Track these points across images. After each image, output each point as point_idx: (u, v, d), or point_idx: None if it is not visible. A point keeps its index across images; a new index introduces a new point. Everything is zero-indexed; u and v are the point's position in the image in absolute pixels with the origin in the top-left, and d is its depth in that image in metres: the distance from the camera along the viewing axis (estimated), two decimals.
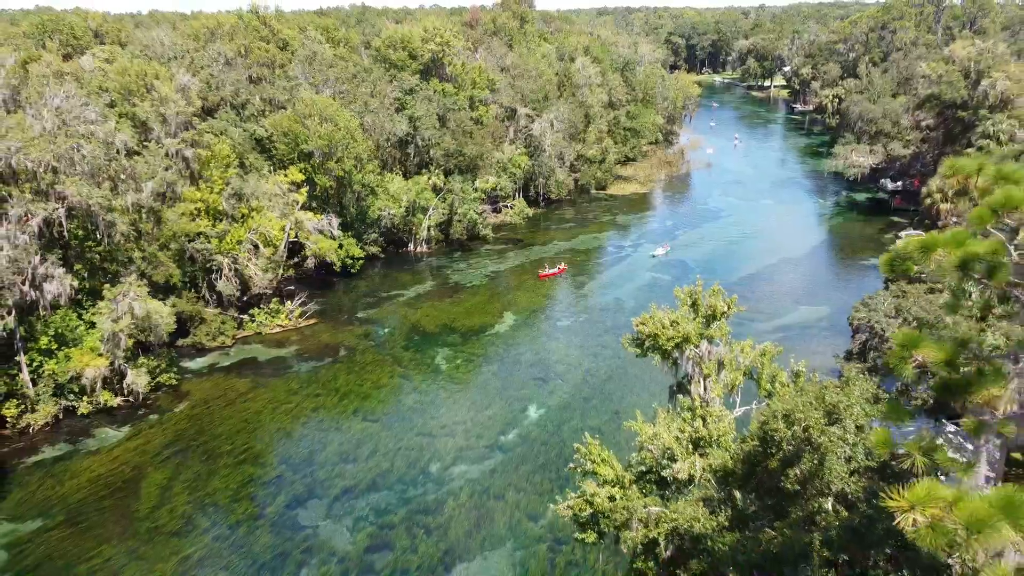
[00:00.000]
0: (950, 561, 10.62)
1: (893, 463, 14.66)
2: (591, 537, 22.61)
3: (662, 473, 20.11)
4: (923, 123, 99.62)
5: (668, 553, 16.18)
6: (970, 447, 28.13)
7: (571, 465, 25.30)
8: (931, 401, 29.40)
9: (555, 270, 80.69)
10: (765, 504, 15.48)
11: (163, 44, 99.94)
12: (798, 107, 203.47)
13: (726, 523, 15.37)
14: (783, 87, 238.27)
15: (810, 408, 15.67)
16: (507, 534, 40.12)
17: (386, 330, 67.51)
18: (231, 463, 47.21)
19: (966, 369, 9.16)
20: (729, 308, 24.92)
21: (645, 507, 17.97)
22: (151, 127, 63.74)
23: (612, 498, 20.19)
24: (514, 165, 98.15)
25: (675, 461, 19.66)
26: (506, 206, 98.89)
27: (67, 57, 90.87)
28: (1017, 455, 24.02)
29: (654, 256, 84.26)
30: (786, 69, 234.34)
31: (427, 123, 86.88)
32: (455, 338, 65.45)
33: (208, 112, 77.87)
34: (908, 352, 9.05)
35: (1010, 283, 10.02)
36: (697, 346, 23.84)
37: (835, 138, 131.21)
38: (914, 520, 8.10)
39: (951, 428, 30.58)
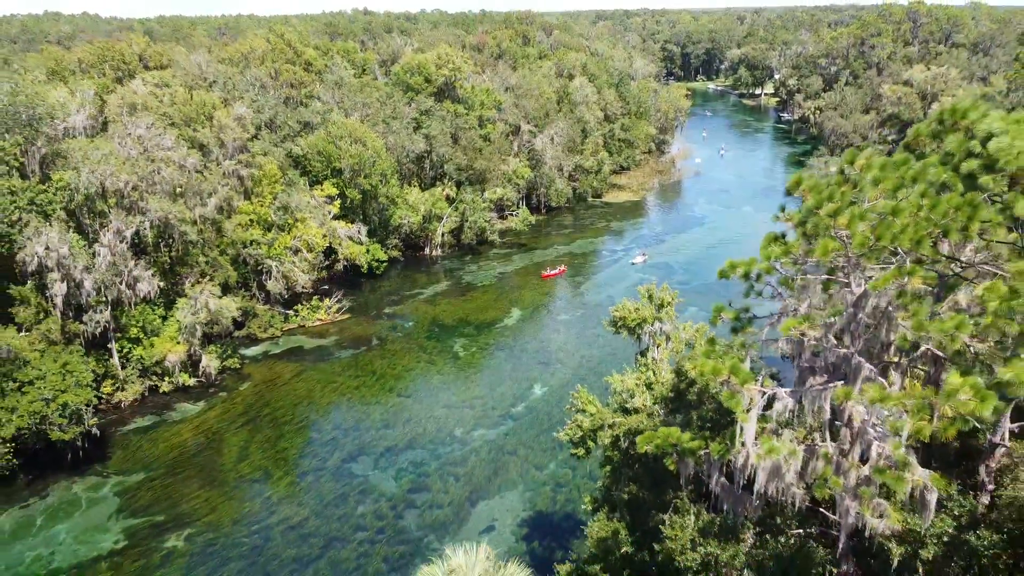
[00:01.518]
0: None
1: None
2: (581, 452, 33.45)
3: (625, 405, 30.67)
4: (888, 138, 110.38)
5: (625, 444, 26.59)
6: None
7: (567, 406, 36.03)
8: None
9: (556, 271, 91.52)
10: (683, 413, 26.04)
11: (201, 68, 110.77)
12: (785, 116, 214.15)
13: (660, 424, 25.77)
14: (773, 95, 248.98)
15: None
16: (518, 480, 50.95)
17: (410, 323, 78.33)
18: (293, 429, 58.09)
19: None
20: (672, 300, 35.60)
21: (612, 420, 28.55)
22: (210, 149, 74.47)
23: (591, 415, 31.03)
24: (518, 176, 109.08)
25: (634, 397, 30.24)
26: (511, 213, 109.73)
27: (118, 81, 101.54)
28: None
29: (634, 264, 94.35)
30: (777, 77, 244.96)
31: (441, 141, 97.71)
32: (470, 330, 76.27)
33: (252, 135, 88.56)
34: (718, 312, 19.65)
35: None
36: (652, 325, 34.46)
37: (816, 148, 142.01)
38: (717, 384, 18.87)
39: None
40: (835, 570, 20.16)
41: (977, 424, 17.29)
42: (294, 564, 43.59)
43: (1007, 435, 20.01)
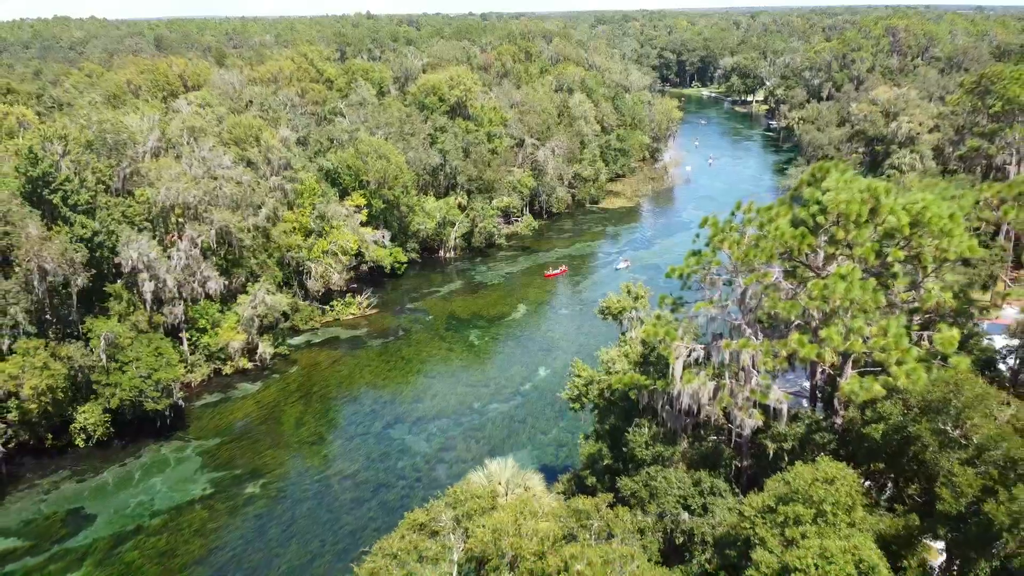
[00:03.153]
0: None
1: None
2: (576, 406, 44.91)
3: (609, 370, 42.04)
4: (857, 151, 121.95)
5: (608, 395, 37.84)
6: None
7: (569, 371, 47.43)
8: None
9: (558, 271, 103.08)
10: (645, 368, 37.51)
11: (235, 88, 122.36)
12: (774, 123, 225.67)
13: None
14: (763, 102, 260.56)
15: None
16: (527, 442, 62.52)
17: (430, 317, 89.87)
18: (339, 404, 69.70)
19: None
20: (644, 294, 46.98)
21: (599, 378, 39.85)
22: (258, 166, 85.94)
23: (584, 377, 42.59)
24: (522, 185, 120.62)
25: (615, 363, 41.58)
26: (516, 219, 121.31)
27: (164, 100, 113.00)
28: None
29: (618, 269, 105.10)
30: (767, 85, 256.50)
31: (454, 155, 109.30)
32: (482, 322, 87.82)
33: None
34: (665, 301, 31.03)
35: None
36: (630, 312, 45.79)
37: (795, 158, 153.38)
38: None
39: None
40: (737, 463, 31.78)
41: (815, 359, 28.90)
42: (351, 504, 55.17)
43: (848, 373, 31.44)
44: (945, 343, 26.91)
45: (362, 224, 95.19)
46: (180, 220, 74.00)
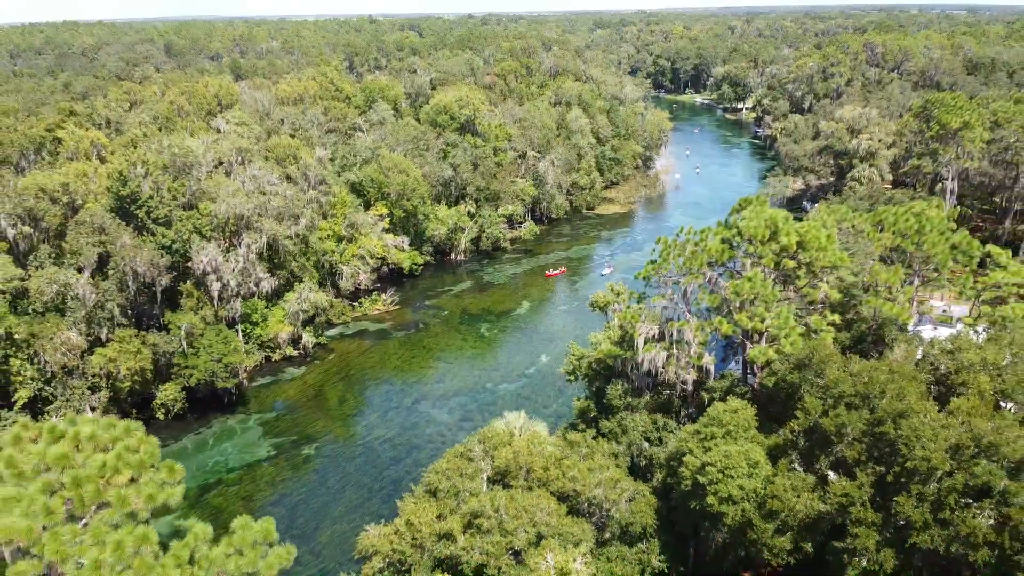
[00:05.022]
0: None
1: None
2: (572, 378, 58.08)
3: (596, 348, 55.09)
4: (828, 163, 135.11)
5: (595, 366, 50.73)
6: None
7: (567, 352, 60.50)
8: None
9: (557, 271, 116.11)
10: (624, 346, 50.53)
11: (264, 105, 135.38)
12: (761, 132, 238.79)
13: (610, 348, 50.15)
14: (752, 110, 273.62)
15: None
16: (531, 414, 74.80)
17: (445, 312, 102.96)
18: (373, 384, 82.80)
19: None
20: (624, 291, 59.95)
21: (589, 354, 52.87)
22: (297, 181, 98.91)
23: (577, 355, 55.93)
24: (525, 194, 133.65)
25: (600, 344, 54.50)
26: (520, 224, 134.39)
27: (204, 119, 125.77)
28: None
29: (603, 275, 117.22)
30: (757, 93, 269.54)
31: (464, 168, 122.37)
32: (491, 317, 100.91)
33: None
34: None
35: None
36: (613, 306, 58.76)
37: (773, 168, 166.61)
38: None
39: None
40: (683, 411, 44.96)
41: (732, 335, 42.07)
42: (390, 461, 68.29)
43: (751, 345, 44.28)
44: (816, 322, 39.97)
45: (384, 231, 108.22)
46: (234, 229, 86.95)
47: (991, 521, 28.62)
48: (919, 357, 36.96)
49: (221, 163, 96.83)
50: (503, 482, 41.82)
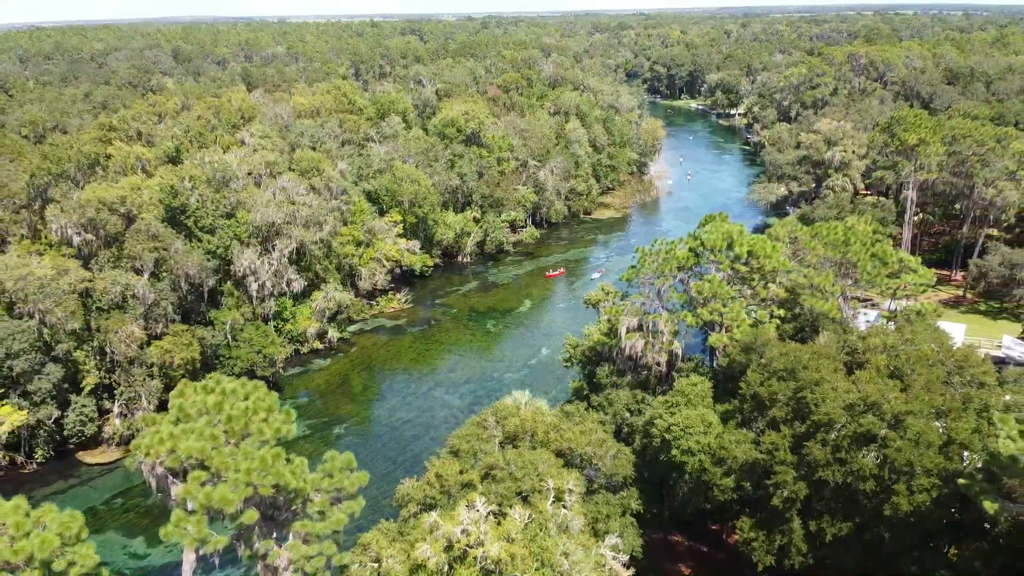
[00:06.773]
0: None
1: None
2: (570, 364, 68.33)
3: (589, 339, 65.15)
4: (807, 172, 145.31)
5: (588, 353, 60.76)
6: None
7: (564, 343, 70.83)
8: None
9: (557, 272, 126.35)
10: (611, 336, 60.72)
11: (282, 118, 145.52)
12: (752, 138, 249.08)
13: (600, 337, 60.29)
14: (744, 115, 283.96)
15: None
16: (534, 397, 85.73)
17: (454, 310, 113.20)
18: (391, 374, 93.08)
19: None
20: (611, 290, 70.13)
21: (583, 343, 62.90)
22: (320, 191, 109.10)
23: (572, 345, 66.16)
24: (526, 200, 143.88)
25: (592, 335, 64.50)
26: (521, 229, 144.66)
27: (229, 132, 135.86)
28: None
29: (594, 279, 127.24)
30: (748, 100, 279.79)
31: (471, 177, 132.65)
32: (496, 314, 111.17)
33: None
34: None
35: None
36: (603, 303, 68.89)
37: (759, 175, 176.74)
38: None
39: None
40: (658, 388, 55.27)
41: (698, 327, 52.42)
42: (411, 439, 78.53)
43: (723, 329, 54.52)
44: (761, 315, 50.22)
45: (398, 236, 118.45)
46: (266, 235, 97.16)
47: (876, 459, 38.79)
48: (839, 343, 47.21)
49: (250, 174, 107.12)
50: (512, 444, 52.03)
